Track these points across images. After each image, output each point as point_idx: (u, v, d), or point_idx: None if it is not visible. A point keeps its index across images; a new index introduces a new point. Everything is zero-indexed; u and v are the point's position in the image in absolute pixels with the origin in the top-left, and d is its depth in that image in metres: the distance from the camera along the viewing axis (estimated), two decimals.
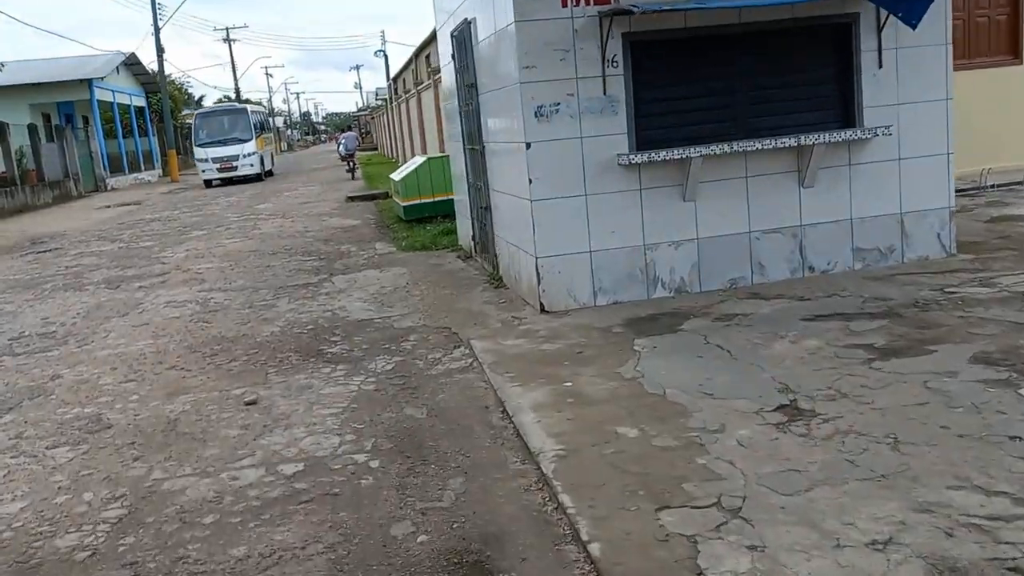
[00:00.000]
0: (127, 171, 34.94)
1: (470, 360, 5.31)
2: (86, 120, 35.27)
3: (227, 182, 27.39)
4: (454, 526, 3.14)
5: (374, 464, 3.79)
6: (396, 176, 12.89)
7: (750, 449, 3.42)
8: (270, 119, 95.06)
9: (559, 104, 5.96)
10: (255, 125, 29.25)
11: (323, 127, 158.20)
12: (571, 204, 6.08)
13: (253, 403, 4.82)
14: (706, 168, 6.06)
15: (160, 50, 34.56)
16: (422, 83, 21.09)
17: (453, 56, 8.23)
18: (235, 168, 27.48)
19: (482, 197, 7.87)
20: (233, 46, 62.28)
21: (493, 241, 7.68)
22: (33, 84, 29.98)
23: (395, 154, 34.53)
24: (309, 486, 3.61)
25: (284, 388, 5.08)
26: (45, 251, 13.27)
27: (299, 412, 4.61)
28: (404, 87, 29.48)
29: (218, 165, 27.47)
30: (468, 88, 7.72)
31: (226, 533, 3.24)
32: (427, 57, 22.50)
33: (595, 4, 5.87)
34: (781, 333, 5.02)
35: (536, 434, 3.85)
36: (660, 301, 6.16)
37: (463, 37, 7.67)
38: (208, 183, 27.58)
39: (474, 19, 7.24)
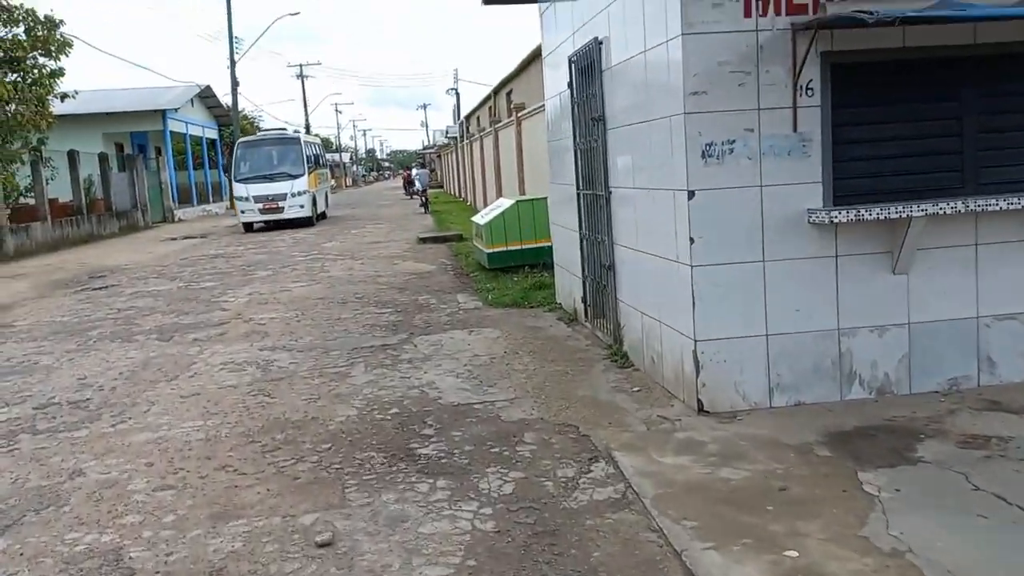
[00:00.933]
0: (195, 203, 34.81)
1: (620, 487, 3.87)
2: (159, 151, 35.37)
3: (272, 226, 23.10)
4: None
5: None
6: (480, 220, 11.64)
7: None
8: (332, 153, 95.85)
9: (734, 142, 4.56)
10: (308, 158, 24.55)
11: (387, 164, 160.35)
12: (743, 272, 4.64)
13: (327, 545, 3.46)
14: (924, 231, 4.57)
15: (235, 83, 34.57)
16: (500, 121, 20.05)
17: (571, 85, 6.94)
18: (281, 209, 22.81)
19: (602, 252, 6.49)
20: (305, 82, 62.97)
21: (615, 307, 6.27)
22: (107, 113, 30.03)
23: (463, 193, 33.62)
24: None
25: (369, 517, 3.71)
26: (100, 288, 12.35)
27: (393, 569, 3.22)
28: (478, 125, 28.57)
29: (260, 205, 22.70)
30: (592, 122, 6.39)
31: None
32: (508, 94, 21.45)
33: (789, 13, 4.49)
34: None
35: None
36: (859, 405, 4.64)
37: (587, 61, 6.37)
38: (248, 227, 23.06)
39: (606, 38, 5.94)
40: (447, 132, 43.67)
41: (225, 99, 37.26)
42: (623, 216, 5.94)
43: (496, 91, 22.75)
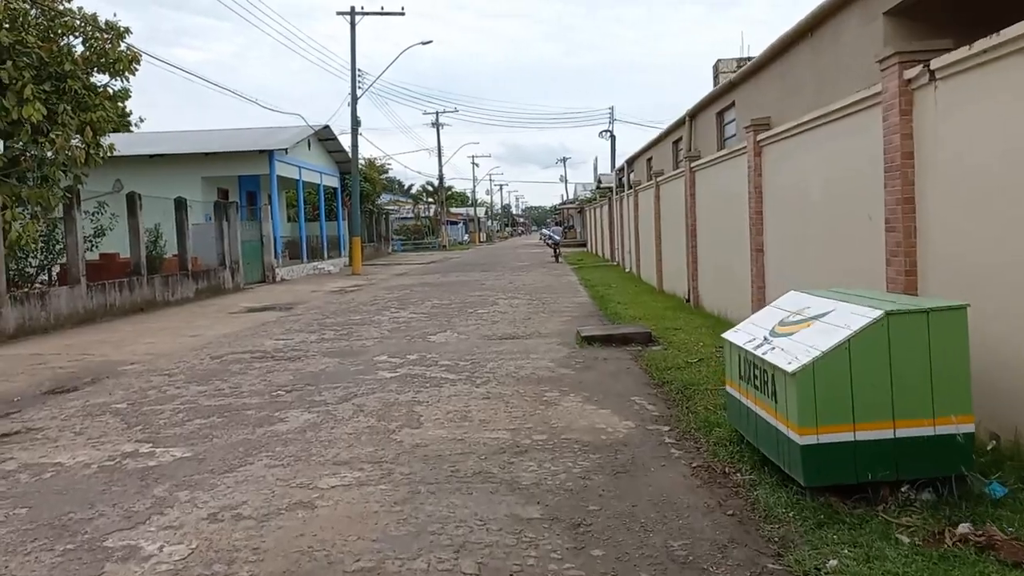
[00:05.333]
0: (305, 259, 30.09)
1: None
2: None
3: None
4: None
5: None
6: (762, 350, 4.83)
7: None
8: (467, 207, 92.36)
9: None
10: None
11: (521, 219, 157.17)
12: None
13: None
14: None
15: (355, 122, 29.85)
16: (698, 156, 13.42)
17: None
18: None
19: None
20: (440, 131, 58.98)
21: None
22: (205, 154, 25.78)
23: (618, 257, 27.08)
24: None
25: None
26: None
27: None
28: (649, 169, 22.11)
29: None
30: None
31: None
32: (721, 113, 14.69)
33: None
34: None
35: None
36: None
37: None
38: None
39: None
40: (598, 183, 37.31)
41: (345, 139, 32.67)
42: None
43: (694, 114, 16.02)
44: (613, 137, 36.65)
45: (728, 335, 5.58)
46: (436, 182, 63.43)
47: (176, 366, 9.82)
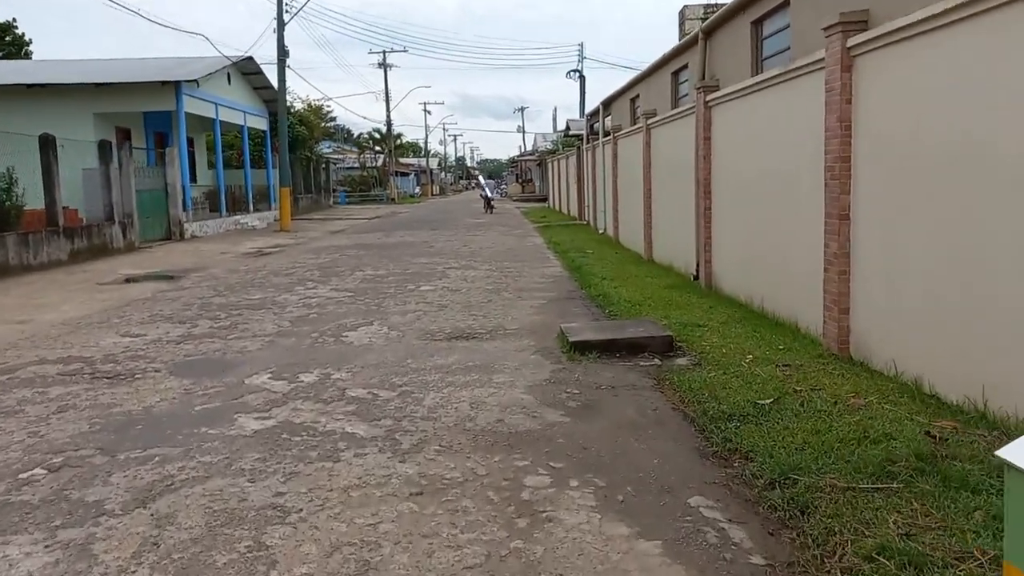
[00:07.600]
0: (224, 212, 25.96)
1: None
2: (191, 141, 26.97)
3: None
4: None
5: None
6: None
7: None
8: (419, 158, 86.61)
9: None
10: None
11: (476, 172, 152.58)
12: None
13: None
14: None
15: (283, 53, 25.51)
16: (717, 87, 9.89)
17: None
18: None
19: None
20: (388, 73, 54.27)
21: None
22: (96, 85, 21.37)
23: (586, 214, 23.65)
24: None
25: None
26: None
27: None
28: (633, 113, 18.59)
29: None
30: None
31: None
32: (756, 24, 10.89)
33: None
34: None
35: None
36: None
37: None
38: None
39: None
40: (566, 130, 33.54)
41: (273, 73, 28.31)
42: None
43: (710, 30, 12.08)
44: (583, 77, 32.71)
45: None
46: (384, 129, 58.88)
47: None
